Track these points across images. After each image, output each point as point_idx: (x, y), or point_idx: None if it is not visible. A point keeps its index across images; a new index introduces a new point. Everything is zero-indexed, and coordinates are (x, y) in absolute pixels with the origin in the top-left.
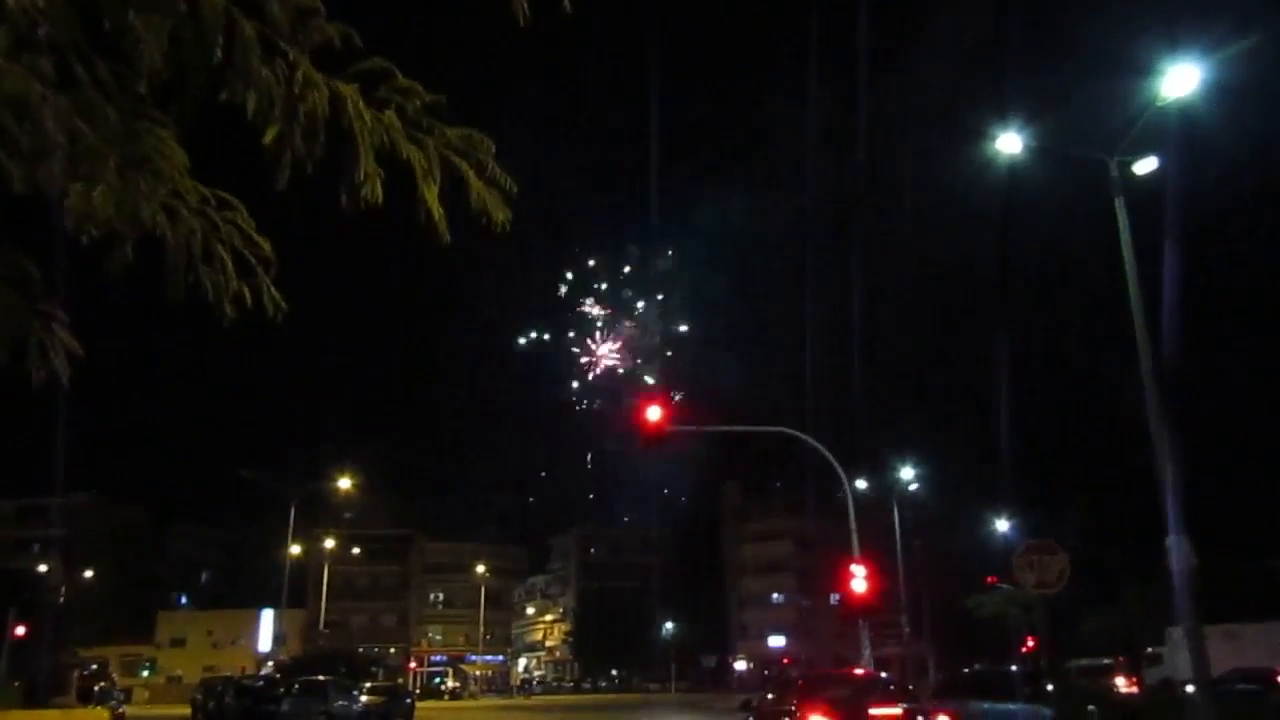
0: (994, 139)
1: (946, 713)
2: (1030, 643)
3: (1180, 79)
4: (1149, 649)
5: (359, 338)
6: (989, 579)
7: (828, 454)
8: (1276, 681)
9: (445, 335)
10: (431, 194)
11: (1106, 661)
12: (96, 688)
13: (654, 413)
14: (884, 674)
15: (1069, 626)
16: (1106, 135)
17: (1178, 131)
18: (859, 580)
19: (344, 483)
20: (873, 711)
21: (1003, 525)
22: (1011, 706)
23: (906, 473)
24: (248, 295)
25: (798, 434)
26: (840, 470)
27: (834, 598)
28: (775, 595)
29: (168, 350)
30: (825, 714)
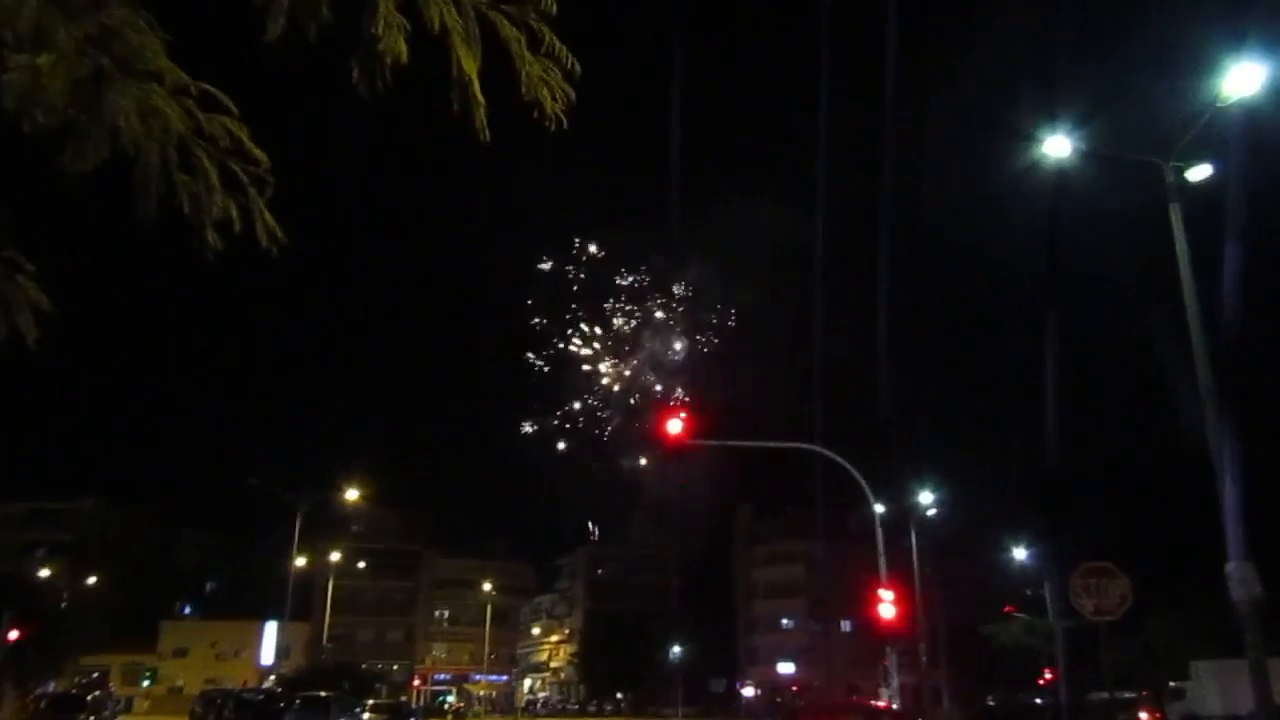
0: (1041, 142)
1: None
2: (1048, 675)
3: (1244, 77)
4: (1171, 683)
5: (374, 349)
6: (1007, 608)
7: (855, 473)
8: None
9: (461, 350)
10: (471, 64)
11: (1129, 695)
12: (90, 697)
13: (675, 425)
14: (893, 705)
15: (1089, 658)
16: (1162, 137)
17: (1241, 133)
18: (887, 605)
19: (352, 493)
20: None
21: (1021, 553)
22: None
23: (926, 496)
24: (236, 218)
25: (824, 451)
26: (868, 489)
27: (846, 624)
28: (785, 620)
29: (181, 357)
30: None
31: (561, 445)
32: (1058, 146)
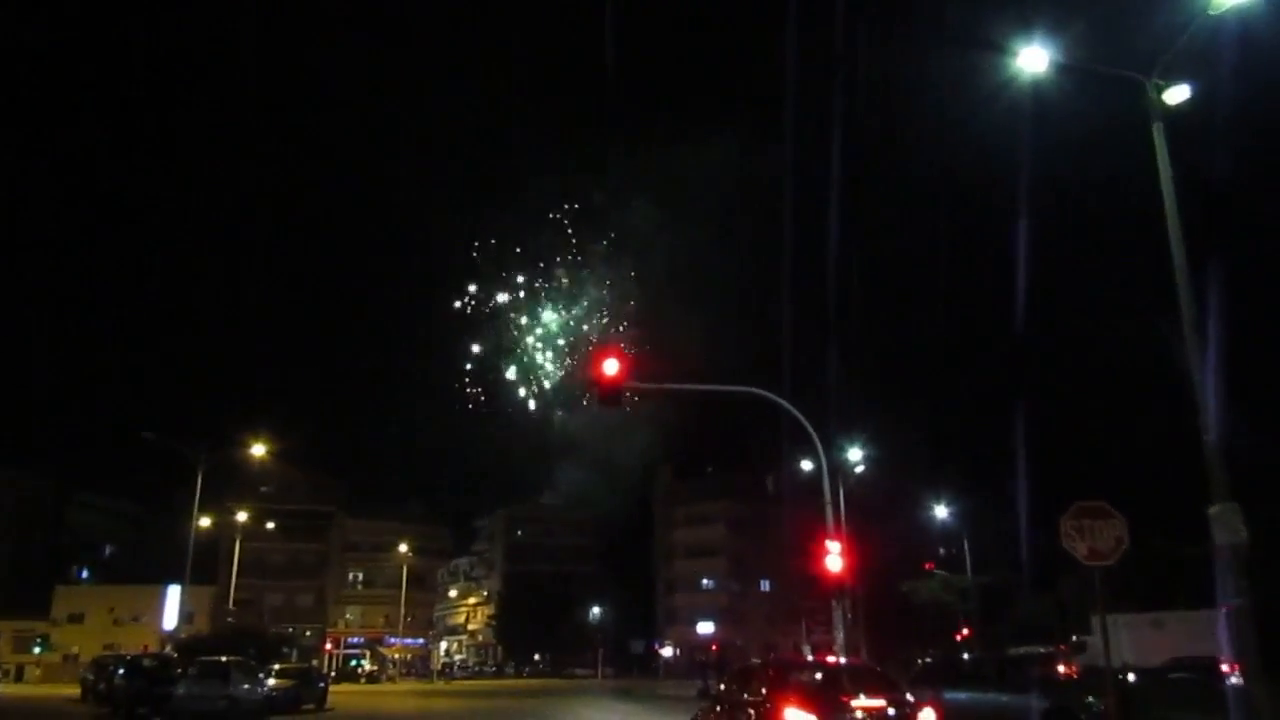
0: (1015, 55)
1: (930, 705)
2: (965, 630)
3: None
4: (1073, 636)
5: (278, 298)
6: (927, 564)
7: (802, 418)
8: (1220, 671)
9: (371, 293)
10: None
11: (1044, 650)
12: None
13: (611, 366)
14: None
15: (1002, 613)
16: (1145, 50)
17: (1231, 46)
18: (834, 557)
19: (258, 449)
20: (855, 703)
21: (941, 511)
22: (1004, 698)
23: (855, 452)
24: None
25: (768, 395)
26: (815, 437)
27: (765, 584)
28: (705, 580)
29: (70, 309)
30: (801, 706)
31: (482, 398)
32: (1033, 60)
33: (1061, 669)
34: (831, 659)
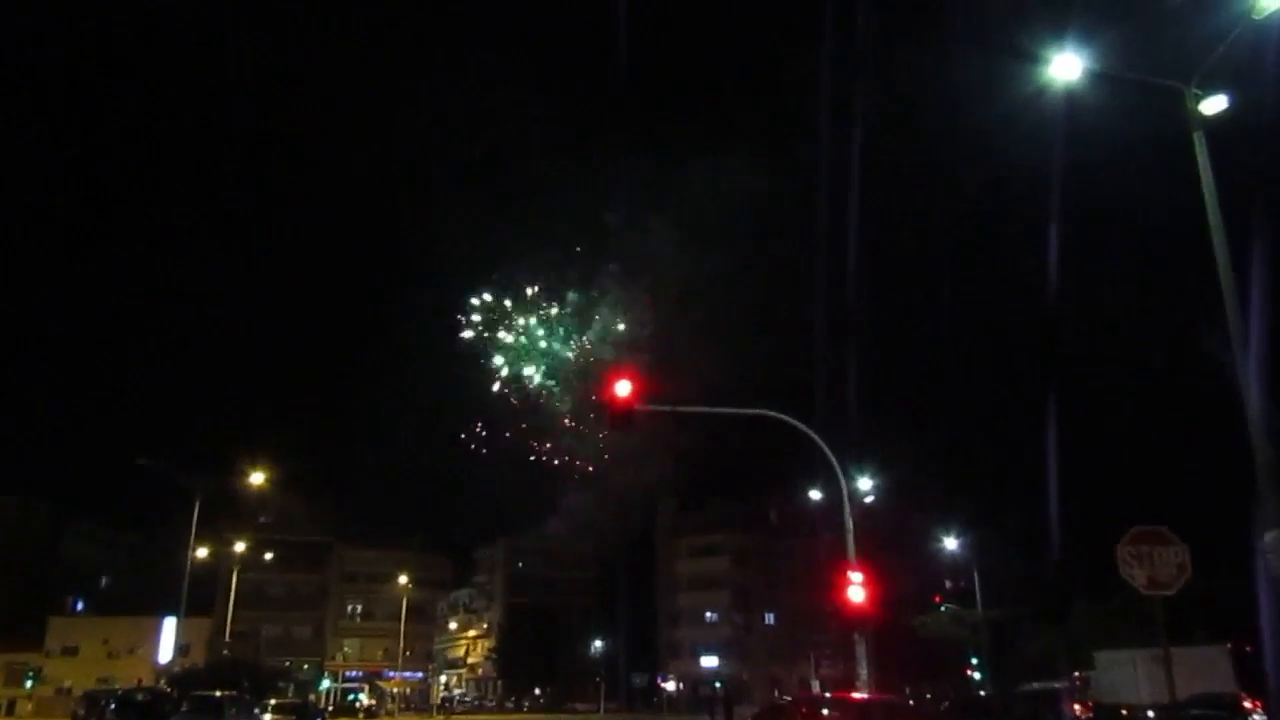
0: (1048, 62)
1: None
2: (974, 665)
3: None
4: (1076, 673)
5: (278, 327)
6: (935, 597)
7: (821, 443)
8: (1241, 708)
9: (371, 320)
10: None
11: (1056, 686)
12: None
13: (623, 387)
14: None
15: (1011, 648)
16: (1185, 57)
17: (1275, 53)
18: (856, 588)
19: (256, 477)
20: None
21: (951, 543)
22: None
23: (865, 481)
24: None
25: (784, 418)
26: (835, 462)
27: (770, 617)
28: (709, 613)
29: (68, 335)
30: None
31: (488, 429)
32: (1067, 67)
33: (1077, 708)
34: (858, 695)
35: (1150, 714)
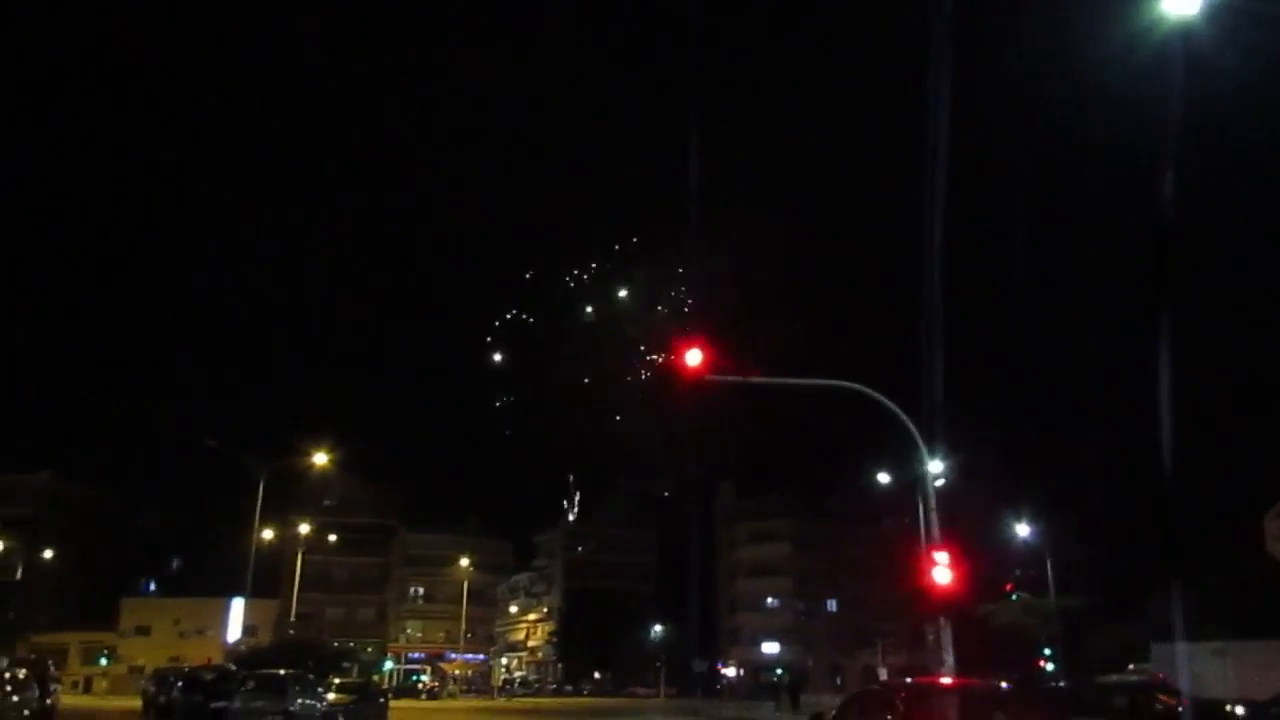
0: None
1: None
2: (1047, 653)
3: None
4: (1130, 665)
5: (340, 310)
6: (1006, 586)
7: (904, 416)
8: None
9: (433, 302)
10: None
11: (1136, 679)
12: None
13: (694, 356)
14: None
15: (1082, 639)
16: None
17: None
18: (942, 569)
19: (320, 458)
20: None
21: (1023, 529)
22: None
23: (938, 464)
24: None
25: (862, 389)
26: (918, 436)
27: (832, 603)
28: (770, 600)
29: (137, 321)
30: None
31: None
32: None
33: (1164, 699)
34: (962, 680)
35: (1239, 709)
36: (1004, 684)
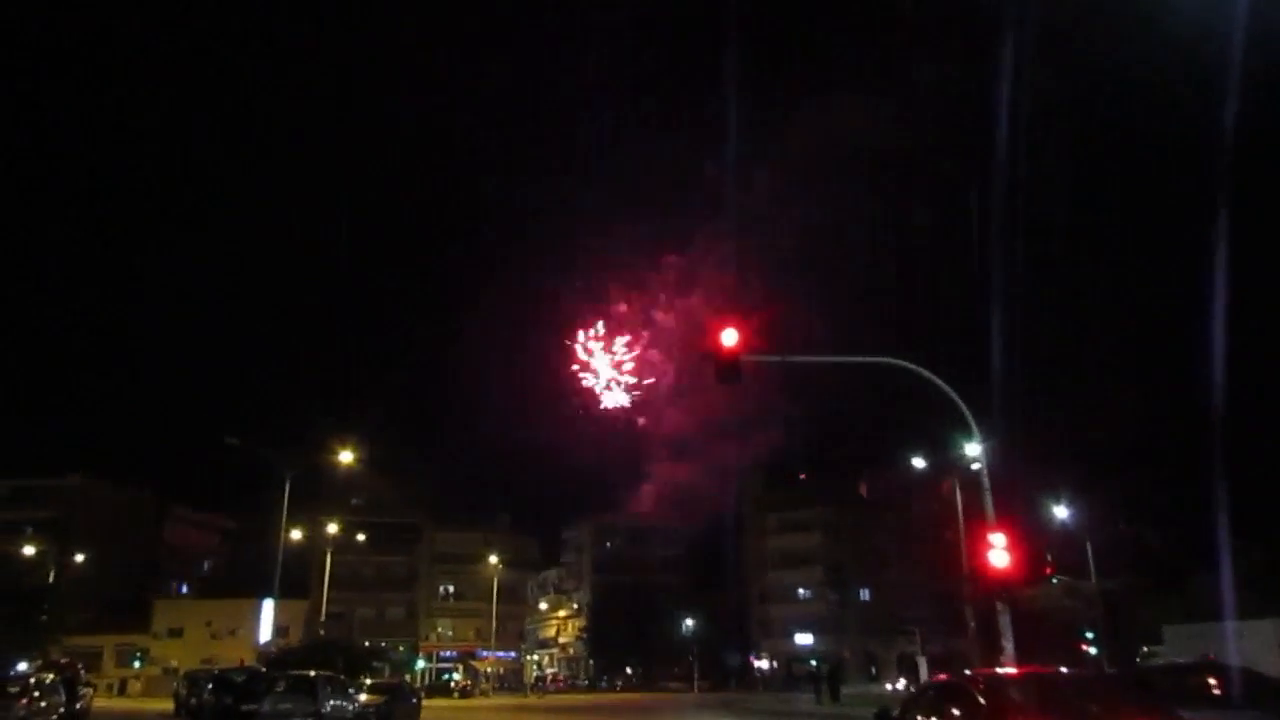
0: None
1: None
2: (1089, 636)
3: None
4: (1144, 648)
5: (364, 311)
6: (1046, 569)
7: (951, 393)
8: None
9: (459, 298)
10: None
11: (1183, 661)
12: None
13: (729, 336)
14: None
15: (1125, 620)
16: None
17: None
18: (999, 551)
19: (346, 455)
20: None
21: (1061, 511)
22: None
23: (976, 446)
24: None
25: (908, 364)
26: (967, 413)
27: (865, 592)
28: (801, 590)
29: (167, 322)
30: None
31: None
32: None
33: (1213, 682)
34: (1042, 670)
35: None
36: (1070, 670)
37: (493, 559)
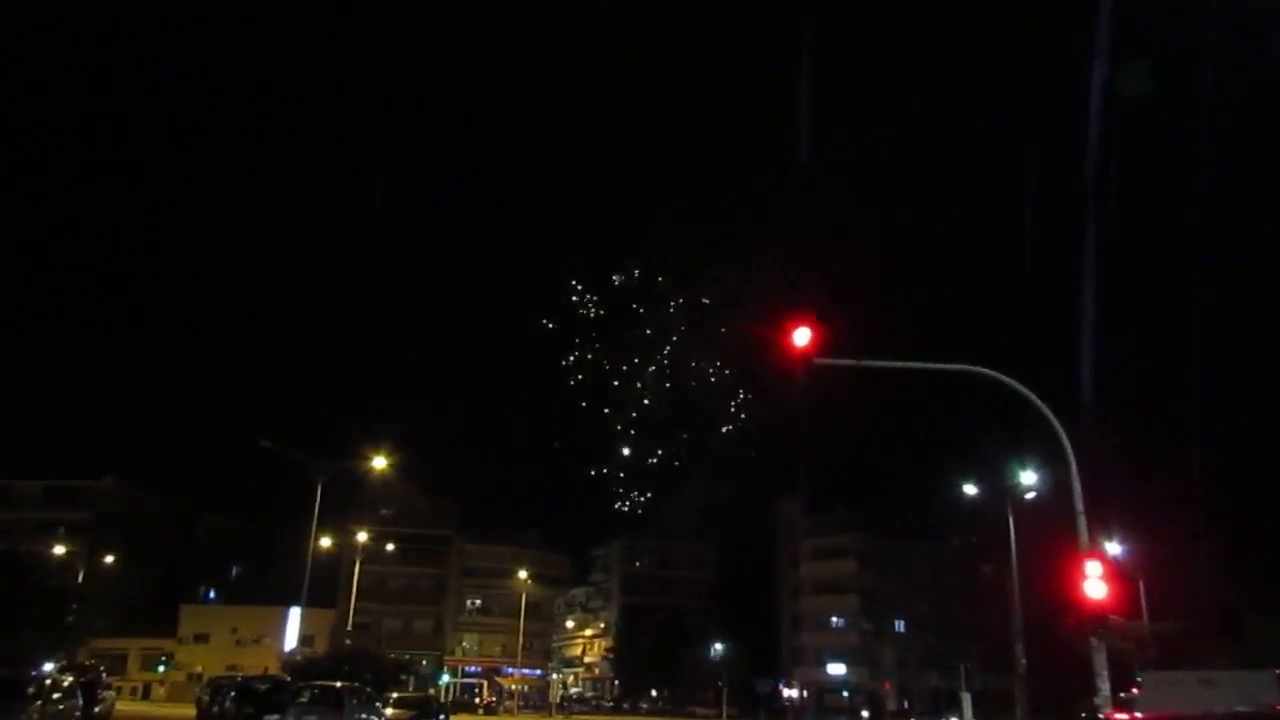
0: None
1: None
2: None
3: None
4: (1120, 694)
5: (399, 321)
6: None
7: (1040, 404)
8: None
9: (493, 316)
10: None
11: (1243, 709)
12: (49, 680)
13: (801, 335)
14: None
15: (1183, 664)
16: None
17: None
18: (1094, 581)
19: (379, 462)
20: None
21: (1114, 548)
22: None
23: (1029, 474)
24: None
25: (994, 374)
26: (1058, 426)
27: (900, 623)
28: (835, 619)
29: (197, 328)
30: None
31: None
32: None
33: None
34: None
35: None
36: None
37: (521, 574)
